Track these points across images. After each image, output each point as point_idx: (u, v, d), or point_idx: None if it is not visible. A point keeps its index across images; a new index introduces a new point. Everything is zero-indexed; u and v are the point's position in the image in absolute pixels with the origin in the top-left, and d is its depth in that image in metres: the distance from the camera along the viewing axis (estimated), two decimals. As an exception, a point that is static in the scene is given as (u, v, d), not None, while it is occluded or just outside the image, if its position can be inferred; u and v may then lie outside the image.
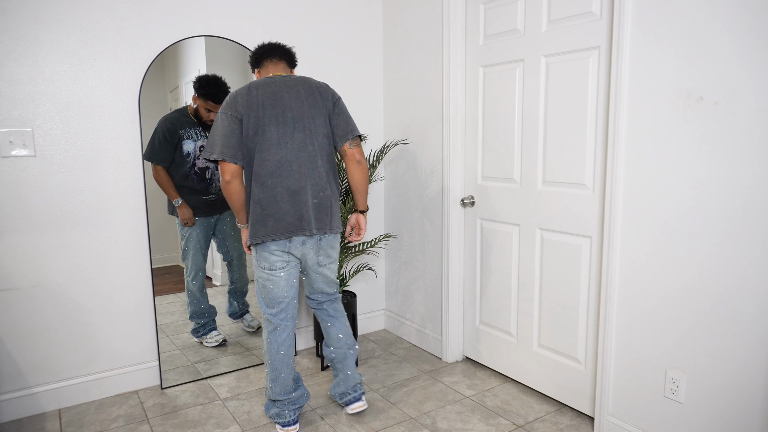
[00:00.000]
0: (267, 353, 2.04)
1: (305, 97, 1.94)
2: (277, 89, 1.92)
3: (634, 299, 1.88)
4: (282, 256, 1.95)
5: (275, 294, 1.98)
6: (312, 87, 1.97)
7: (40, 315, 2.25)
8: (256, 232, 1.91)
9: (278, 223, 1.90)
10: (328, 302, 2.18)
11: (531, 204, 2.28)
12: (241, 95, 1.89)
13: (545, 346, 2.31)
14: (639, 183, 1.81)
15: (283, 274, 1.97)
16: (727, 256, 1.60)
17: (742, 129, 1.54)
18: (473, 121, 2.53)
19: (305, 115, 1.93)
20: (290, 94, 1.92)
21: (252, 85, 1.92)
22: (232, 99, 1.90)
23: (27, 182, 2.17)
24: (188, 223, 2.50)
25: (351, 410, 2.18)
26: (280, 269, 1.96)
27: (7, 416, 2.21)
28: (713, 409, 1.69)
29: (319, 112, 1.96)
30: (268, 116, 1.89)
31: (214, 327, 2.67)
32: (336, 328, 2.17)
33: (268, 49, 2.03)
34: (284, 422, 2.07)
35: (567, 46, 2.05)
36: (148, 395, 2.42)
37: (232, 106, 1.88)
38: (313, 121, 1.94)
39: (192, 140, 2.46)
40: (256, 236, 1.91)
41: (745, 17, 1.50)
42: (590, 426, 2.12)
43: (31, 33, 2.12)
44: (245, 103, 1.88)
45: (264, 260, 1.96)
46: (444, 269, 2.69)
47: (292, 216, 1.92)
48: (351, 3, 2.88)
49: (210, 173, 2.53)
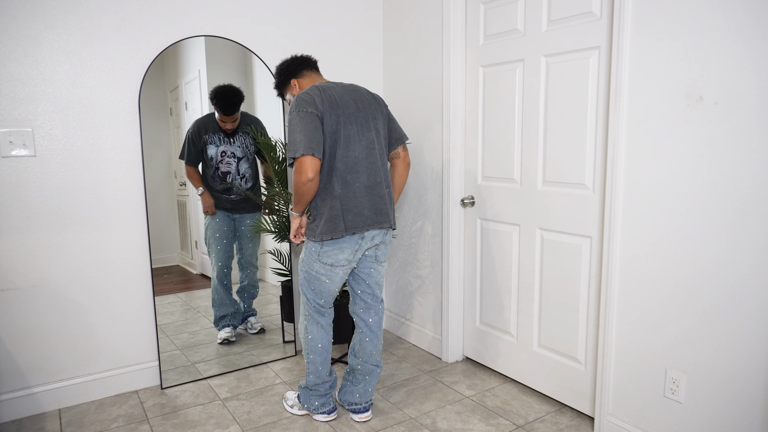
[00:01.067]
0: (312, 342, 2.09)
1: (368, 101, 2.03)
2: (344, 91, 1.98)
3: (634, 299, 1.88)
4: (349, 255, 1.99)
5: (329, 288, 2.04)
6: (370, 92, 2.09)
7: (40, 315, 2.25)
8: (335, 227, 1.92)
9: (357, 217, 1.95)
10: (375, 311, 2.16)
11: (531, 204, 2.28)
12: (316, 95, 1.90)
13: (545, 346, 2.31)
14: (639, 183, 1.81)
15: (341, 272, 2.02)
16: (727, 255, 1.60)
17: (742, 129, 1.54)
18: (473, 121, 2.53)
19: (371, 116, 2.02)
20: (358, 97, 2.00)
21: (319, 87, 1.94)
22: (308, 98, 1.89)
23: (27, 182, 2.17)
24: (209, 211, 2.57)
25: (359, 419, 2.19)
26: (340, 267, 2.00)
27: (7, 416, 2.21)
28: (713, 409, 1.69)
29: (380, 116, 2.07)
30: (346, 114, 1.93)
31: (229, 324, 2.70)
32: (373, 344, 2.17)
33: (300, 60, 2.11)
34: (329, 409, 2.17)
35: (567, 46, 2.05)
36: (148, 395, 2.42)
37: (311, 104, 1.88)
38: (376, 122, 2.04)
39: (215, 145, 2.54)
40: (334, 231, 1.92)
41: (745, 17, 1.50)
42: (590, 426, 2.12)
43: (31, 33, 2.12)
44: (323, 101, 1.90)
45: (329, 257, 1.97)
46: (444, 269, 2.69)
47: (369, 210, 1.98)
48: (351, 3, 2.88)
49: (231, 177, 2.59)
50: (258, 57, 2.62)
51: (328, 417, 2.16)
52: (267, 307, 2.82)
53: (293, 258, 2.86)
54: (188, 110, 2.49)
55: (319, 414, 2.16)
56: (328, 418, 2.16)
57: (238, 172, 2.62)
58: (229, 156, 2.59)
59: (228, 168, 2.59)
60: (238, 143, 2.60)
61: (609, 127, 1.87)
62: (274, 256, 2.77)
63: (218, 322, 2.68)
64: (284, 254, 2.79)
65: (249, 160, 2.64)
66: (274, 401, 2.35)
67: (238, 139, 2.59)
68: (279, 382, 2.53)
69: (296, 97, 1.92)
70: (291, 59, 2.13)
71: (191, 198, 2.57)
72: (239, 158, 2.61)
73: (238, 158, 2.61)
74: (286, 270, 2.79)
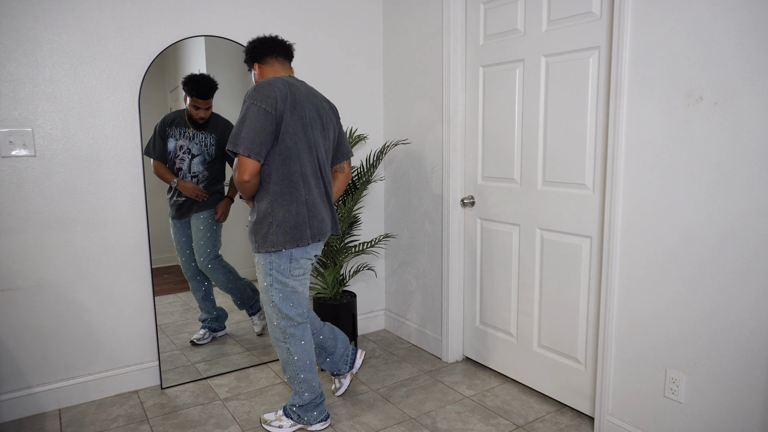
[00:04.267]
0: (299, 362, 2.01)
1: (327, 108, 2.01)
2: (308, 95, 1.93)
3: (634, 299, 1.88)
4: (313, 259, 1.99)
5: (304, 295, 2.01)
6: (327, 100, 2.06)
7: (41, 315, 2.25)
8: (301, 234, 1.86)
9: (321, 224, 1.94)
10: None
11: (531, 204, 2.28)
12: (279, 90, 1.79)
13: (545, 346, 2.31)
14: (639, 183, 1.81)
15: (308, 276, 2.01)
16: (727, 255, 1.60)
17: (742, 129, 1.54)
18: (473, 121, 2.53)
19: (328, 124, 2.00)
20: (318, 103, 1.97)
21: (284, 81, 1.83)
22: (269, 92, 1.77)
23: (27, 182, 2.17)
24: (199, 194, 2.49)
25: (359, 361, 2.27)
26: (308, 272, 1.99)
27: (7, 416, 2.21)
28: (713, 409, 1.69)
29: (333, 126, 2.05)
30: (310, 117, 1.89)
31: (205, 326, 2.66)
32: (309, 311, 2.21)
33: (272, 44, 1.97)
34: (326, 415, 2.13)
35: (567, 46, 2.05)
36: (148, 395, 2.42)
37: (268, 101, 1.76)
38: (330, 131, 2.02)
39: (174, 139, 2.43)
40: (300, 239, 1.86)
41: (745, 17, 1.50)
42: (590, 426, 2.11)
43: (32, 33, 2.12)
44: (286, 99, 1.80)
45: (299, 267, 1.93)
46: (444, 269, 2.69)
47: (328, 216, 1.98)
48: (351, 3, 2.88)
49: (181, 175, 2.47)
50: (258, 57, 2.62)
51: (325, 424, 2.12)
52: (267, 307, 2.82)
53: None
54: (188, 110, 2.49)
55: (317, 424, 2.11)
56: (326, 425, 2.13)
57: (189, 170, 2.48)
58: (186, 151, 2.46)
59: (180, 164, 2.46)
60: (197, 140, 2.47)
61: (609, 127, 1.87)
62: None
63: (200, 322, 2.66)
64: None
65: (205, 160, 2.50)
66: (274, 401, 2.35)
67: (200, 136, 2.47)
68: (279, 382, 2.53)
69: (257, 85, 1.79)
70: (259, 40, 1.98)
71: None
72: (194, 155, 2.47)
73: (193, 155, 2.47)
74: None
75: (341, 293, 2.80)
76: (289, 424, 2.10)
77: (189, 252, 2.55)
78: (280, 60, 2.00)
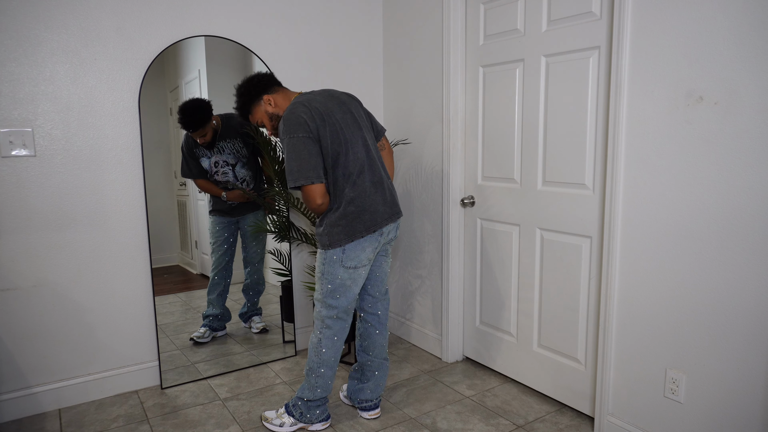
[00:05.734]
0: (325, 356, 2.02)
1: (347, 101, 2.03)
2: (325, 99, 1.95)
3: (634, 299, 1.88)
4: (370, 253, 1.99)
5: (354, 292, 2.01)
6: (344, 92, 2.08)
7: (41, 315, 2.25)
8: (353, 230, 1.91)
9: (374, 215, 1.95)
10: (382, 302, 2.19)
11: (531, 204, 2.28)
12: (304, 113, 1.86)
13: (545, 346, 2.31)
14: (639, 183, 1.81)
15: (363, 272, 2.00)
16: (727, 255, 1.60)
17: (742, 129, 1.54)
18: (473, 121, 2.53)
19: (356, 114, 2.02)
20: (338, 100, 1.99)
21: (303, 103, 1.90)
22: (297, 119, 1.85)
23: (27, 182, 2.17)
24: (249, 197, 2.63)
25: (369, 416, 2.20)
26: (363, 267, 1.99)
27: (7, 416, 2.21)
28: (713, 409, 1.69)
29: (361, 111, 2.08)
30: (336, 122, 1.92)
31: (207, 324, 2.66)
32: (383, 336, 2.19)
33: (271, 75, 2.08)
34: (327, 415, 2.13)
35: (567, 46, 2.05)
36: (148, 395, 2.42)
37: (302, 127, 1.84)
38: (361, 119, 2.04)
39: (206, 157, 2.53)
40: (353, 234, 1.91)
41: (745, 17, 1.50)
42: (590, 426, 2.12)
43: (32, 33, 2.12)
44: (314, 117, 1.86)
45: (351, 260, 1.94)
46: (444, 269, 2.69)
47: (383, 205, 1.99)
48: (351, 3, 2.88)
49: (231, 185, 2.60)
50: (258, 57, 2.62)
51: (326, 424, 2.13)
52: (267, 306, 2.82)
53: (293, 258, 2.86)
54: (188, 110, 2.49)
55: (318, 423, 2.11)
56: (326, 425, 2.13)
57: (237, 178, 2.61)
58: (223, 165, 2.57)
59: (225, 177, 2.58)
60: (228, 150, 2.56)
61: (609, 127, 1.87)
62: (274, 256, 2.77)
63: (203, 319, 2.67)
64: (284, 254, 2.79)
65: (244, 163, 2.61)
66: (275, 401, 2.34)
67: (227, 146, 2.56)
68: (279, 382, 2.53)
69: (284, 120, 1.87)
70: (257, 75, 2.06)
71: (191, 198, 2.57)
72: (233, 164, 2.59)
73: (232, 165, 2.59)
74: (286, 270, 2.79)
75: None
76: (290, 422, 2.10)
77: (227, 247, 2.64)
78: (281, 86, 2.09)
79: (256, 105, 2.04)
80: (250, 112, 2.06)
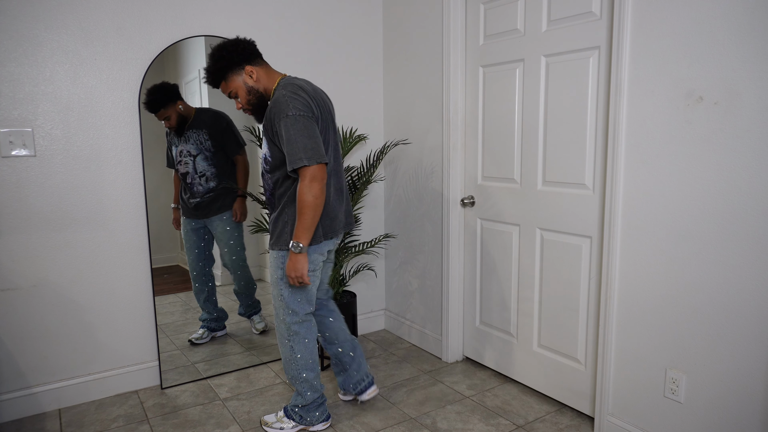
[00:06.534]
0: (302, 360, 2.01)
1: (328, 102, 2.01)
2: (315, 90, 1.91)
3: (634, 299, 1.88)
4: (327, 255, 2.01)
5: (312, 293, 2.01)
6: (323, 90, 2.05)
7: (40, 315, 2.25)
8: (316, 232, 1.88)
9: (333, 222, 1.94)
10: (329, 296, 2.25)
11: (531, 204, 2.28)
12: (308, 94, 1.80)
13: (545, 346, 2.31)
14: (639, 183, 1.81)
15: (319, 274, 2.01)
16: (727, 255, 1.60)
17: (742, 129, 1.54)
18: (473, 121, 2.53)
19: (333, 118, 2.00)
20: (325, 97, 1.97)
21: (304, 87, 1.82)
22: (303, 101, 1.77)
23: (27, 182, 2.17)
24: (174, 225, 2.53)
25: (368, 395, 2.22)
26: (319, 269, 1.99)
27: (7, 416, 2.21)
28: (713, 409, 1.69)
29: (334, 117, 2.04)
30: (326, 119, 1.91)
31: (204, 326, 2.66)
32: (339, 320, 2.22)
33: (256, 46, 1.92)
34: (327, 415, 2.13)
35: (567, 46, 2.05)
36: (148, 395, 2.42)
37: (308, 107, 1.77)
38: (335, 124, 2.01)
39: (174, 145, 2.47)
40: (316, 236, 1.88)
41: (745, 17, 1.50)
42: (590, 426, 2.11)
43: (32, 33, 2.12)
44: (315, 103, 1.83)
45: (311, 262, 1.92)
46: (444, 269, 2.69)
47: (342, 214, 1.99)
48: (351, 3, 2.88)
49: (190, 177, 2.49)
50: (258, 57, 2.61)
51: (326, 424, 2.13)
52: (267, 306, 2.82)
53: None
54: (188, 110, 2.49)
55: (319, 424, 2.10)
56: (327, 425, 2.13)
57: (196, 171, 2.49)
58: (186, 155, 2.47)
59: (186, 168, 2.47)
60: (192, 140, 2.46)
61: (609, 127, 1.87)
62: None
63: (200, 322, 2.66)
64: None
65: (207, 156, 2.51)
66: (274, 401, 2.34)
67: (193, 136, 2.47)
68: (279, 382, 2.53)
69: (285, 97, 1.75)
70: (242, 41, 1.87)
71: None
72: (194, 155, 2.48)
73: (194, 155, 2.48)
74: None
75: (341, 293, 2.80)
76: (291, 425, 2.09)
77: (198, 252, 2.57)
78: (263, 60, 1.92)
79: (234, 73, 1.84)
80: (225, 78, 1.85)
